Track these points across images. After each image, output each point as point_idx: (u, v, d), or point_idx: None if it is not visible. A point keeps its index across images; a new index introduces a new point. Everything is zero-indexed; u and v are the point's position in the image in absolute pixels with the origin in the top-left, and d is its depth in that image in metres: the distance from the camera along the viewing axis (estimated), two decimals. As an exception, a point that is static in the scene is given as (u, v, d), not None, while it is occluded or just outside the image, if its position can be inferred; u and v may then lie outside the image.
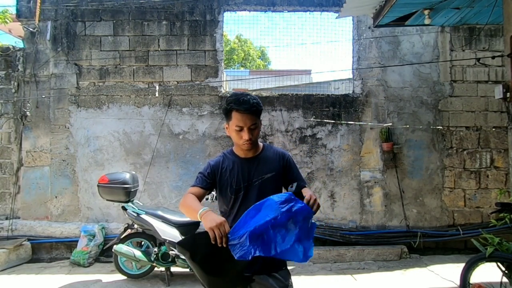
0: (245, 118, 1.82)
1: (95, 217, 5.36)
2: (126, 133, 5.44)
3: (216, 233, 1.57)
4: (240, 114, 1.82)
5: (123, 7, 5.49)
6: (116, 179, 4.22)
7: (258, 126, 1.90)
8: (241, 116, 1.82)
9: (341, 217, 5.41)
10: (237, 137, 1.87)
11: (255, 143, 1.93)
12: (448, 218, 5.42)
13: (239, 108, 1.82)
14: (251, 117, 1.84)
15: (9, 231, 5.20)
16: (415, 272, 4.58)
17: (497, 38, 5.50)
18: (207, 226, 1.60)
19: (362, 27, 5.55)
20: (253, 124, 1.85)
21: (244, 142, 1.86)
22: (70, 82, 5.46)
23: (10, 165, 5.42)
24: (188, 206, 1.81)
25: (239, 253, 1.56)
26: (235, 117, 1.84)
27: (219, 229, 1.57)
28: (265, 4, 5.58)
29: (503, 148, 5.37)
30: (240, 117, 1.82)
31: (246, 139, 1.84)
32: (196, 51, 5.50)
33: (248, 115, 1.83)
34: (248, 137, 1.84)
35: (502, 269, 3.02)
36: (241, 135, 1.85)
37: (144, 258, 4.09)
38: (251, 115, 1.83)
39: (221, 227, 1.58)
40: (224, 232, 1.58)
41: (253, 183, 1.90)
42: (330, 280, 4.35)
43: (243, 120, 1.82)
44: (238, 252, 1.57)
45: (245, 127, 1.83)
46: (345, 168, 5.44)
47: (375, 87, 5.51)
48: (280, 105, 5.48)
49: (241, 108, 1.82)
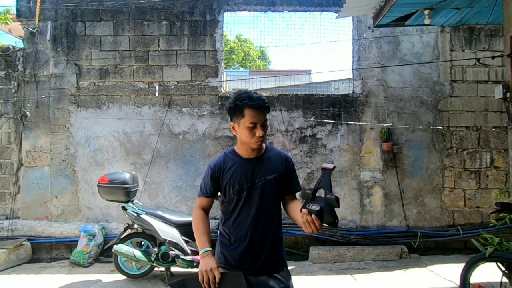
0: (259, 114, 1.82)
1: (95, 217, 5.36)
2: (126, 133, 5.44)
3: (205, 277, 1.70)
4: (254, 111, 1.81)
5: (123, 7, 5.49)
6: (116, 179, 4.22)
7: (267, 124, 1.90)
8: (255, 112, 1.81)
9: (341, 217, 5.40)
10: (250, 135, 1.83)
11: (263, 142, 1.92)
12: (448, 218, 5.42)
13: (253, 103, 1.80)
14: (264, 114, 1.84)
15: (9, 231, 5.20)
16: (415, 272, 4.58)
17: (497, 38, 5.50)
18: (200, 268, 1.74)
19: (362, 27, 5.55)
20: (265, 121, 1.85)
21: (258, 139, 1.83)
22: (70, 82, 5.46)
23: (10, 165, 5.43)
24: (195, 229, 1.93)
25: None
26: (249, 113, 1.81)
27: (208, 275, 1.70)
28: (265, 4, 5.58)
29: (503, 148, 5.38)
30: (254, 113, 1.81)
31: (260, 135, 1.82)
32: (196, 51, 5.50)
33: (261, 112, 1.83)
34: (262, 134, 1.82)
35: (502, 269, 3.02)
36: (254, 132, 1.82)
37: (144, 258, 4.09)
38: (263, 112, 1.84)
39: (211, 273, 1.70)
40: (213, 279, 1.69)
41: (256, 184, 1.88)
42: (330, 280, 4.35)
43: (258, 116, 1.81)
44: None
45: (258, 124, 1.82)
46: (345, 168, 5.44)
47: (375, 87, 5.51)
48: (280, 105, 5.48)
49: (255, 104, 1.80)
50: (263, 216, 1.88)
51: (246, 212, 1.88)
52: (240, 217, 1.89)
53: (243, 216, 1.88)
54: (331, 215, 1.52)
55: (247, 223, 1.87)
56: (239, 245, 1.88)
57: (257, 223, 1.87)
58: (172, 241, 4.03)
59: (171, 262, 4.10)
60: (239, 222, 1.89)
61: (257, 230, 1.87)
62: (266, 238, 1.89)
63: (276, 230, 1.94)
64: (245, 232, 1.87)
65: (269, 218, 1.91)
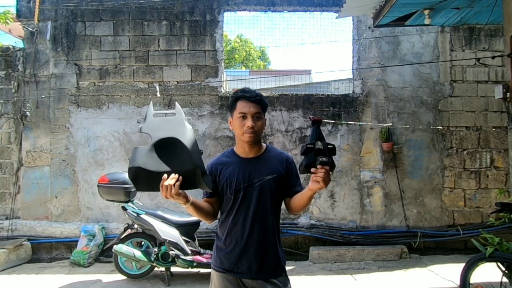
0: (250, 105, 1.82)
1: (95, 217, 5.36)
2: (126, 133, 5.44)
3: (164, 189, 1.59)
4: (244, 101, 1.83)
5: (123, 7, 5.49)
6: (116, 179, 4.22)
7: (262, 119, 1.87)
8: (246, 103, 1.83)
9: (341, 217, 5.41)
10: (240, 126, 1.83)
11: (258, 137, 1.88)
12: (448, 218, 5.42)
13: (243, 95, 1.85)
14: (255, 106, 1.83)
15: (9, 231, 5.20)
16: (415, 272, 4.58)
17: (497, 38, 5.50)
18: None
19: (362, 27, 5.55)
20: (257, 113, 1.83)
21: (247, 129, 1.80)
22: (70, 82, 5.46)
23: (10, 165, 5.42)
24: None
25: None
26: (240, 104, 1.84)
27: (165, 187, 1.59)
28: (265, 4, 5.58)
29: (503, 148, 5.37)
30: (244, 103, 1.83)
31: (248, 126, 1.80)
32: (196, 51, 5.50)
33: (252, 103, 1.83)
34: (251, 124, 1.80)
35: (502, 269, 3.02)
36: (244, 122, 1.82)
37: (144, 258, 4.09)
38: (255, 104, 1.83)
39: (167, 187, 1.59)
40: (170, 186, 1.58)
41: (254, 184, 1.85)
42: (330, 280, 4.35)
43: (247, 106, 1.82)
44: None
45: (248, 114, 1.82)
46: (345, 168, 5.44)
47: (375, 87, 5.51)
48: (280, 105, 5.48)
49: (246, 95, 1.84)
50: (260, 217, 1.84)
51: (242, 212, 1.84)
52: (236, 218, 1.85)
53: (239, 217, 1.85)
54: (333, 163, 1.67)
55: (243, 224, 1.84)
56: (235, 246, 1.84)
57: (254, 224, 1.83)
58: (172, 241, 4.03)
59: (171, 262, 4.10)
60: (236, 223, 1.85)
61: (254, 231, 1.83)
62: (263, 240, 1.84)
63: (274, 232, 1.88)
64: (241, 234, 1.84)
65: (267, 220, 1.86)
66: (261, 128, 1.88)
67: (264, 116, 1.90)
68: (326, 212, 5.39)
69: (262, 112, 1.87)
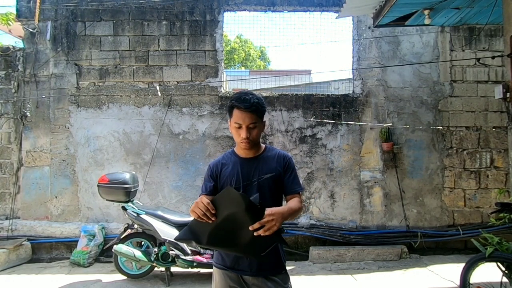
0: (244, 116, 1.83)
1: (95, 217, 5.36)
2: (126, 133, 5.44)
3: (198, 212, 1.65)
4: (239, 112, 1.84)
5: (123, 7, 5.49)
6: (116, 179, 4.22)
7: (258, 126, 1.89)
8: (241, 113, 1.84)
9: (341, 217, 5.41)
10: (236, 135, 1.90)
11: (254, 143, 1.92)
12: (448, 218, 5.42)
13: (239, 105, 1.84)
14: (250, 116, 1.83)
15: (9, 231, 5.20)
16: (415, 272, 4.58)
17: (497, 38, 5.50)
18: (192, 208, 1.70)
19: (362, 27, 5.55)
20: (252, 123, 1.85)
21: (242, 140, 1.86)
22: (70, 82, 5.46)
23: (10, 165, 5.43)
24: None
25: None
26: (235, 114, 1.86)
27: (198, 207, 1.65)
28: (265, 4, 5.58)
29: (503, 148, 5.37)
30: (239, 114, 1.84)
31: (243, 137, 1.85)
32: (196, 51, 5.50)
33: (247, 113, 1.83)
34: (245, 136, 1.84)
35: (502, 269, 3.02)
36: (239, 132, 1.87)
37: (144, 258, 4.09)
38: (250, 114, 1.83)
39: (200, 204, 1.66)
40: (205, 207, 1.64)
41: (252, 182, 1.89)
42: (330, 280, 4.35)
43: (242, 117, 1.83)
44: None
45: (243, 125, 1.84)
46: (345, 168, 5.44)
47: (375, 87, 5.51)
48: (280, 105, 5.48)
49: (241, 106, 1.83)
50: None
51: None
52: None
53: None
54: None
55: None
56: None
57: None
58: (172, 241, 4.02)
59: (171, 262, 4.10)
60: None
61: None
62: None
63: None
64: None
65: None
66: (258, 136, 1.92)
67: (261, 121, 1.92)
68: (326, 212, 5.40)
69: (259, 120, 1.89)
